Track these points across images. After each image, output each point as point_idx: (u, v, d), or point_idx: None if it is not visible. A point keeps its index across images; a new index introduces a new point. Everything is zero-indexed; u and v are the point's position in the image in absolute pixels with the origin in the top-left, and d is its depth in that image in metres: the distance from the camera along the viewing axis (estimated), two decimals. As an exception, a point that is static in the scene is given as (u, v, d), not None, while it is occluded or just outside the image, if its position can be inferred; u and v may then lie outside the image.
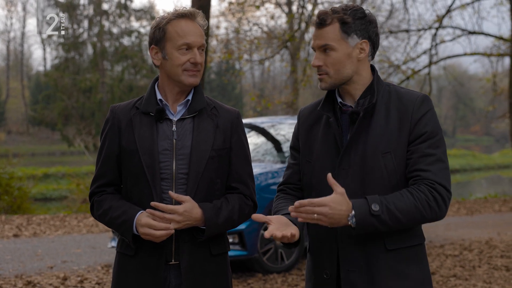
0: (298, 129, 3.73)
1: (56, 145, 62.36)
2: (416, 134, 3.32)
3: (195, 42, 3.64)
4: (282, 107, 28.45)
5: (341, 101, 3.52)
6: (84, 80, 52.05)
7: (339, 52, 3.40)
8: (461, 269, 9.85)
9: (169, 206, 3.49)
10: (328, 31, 3.40)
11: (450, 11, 23.58)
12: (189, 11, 3.69)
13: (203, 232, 3.63)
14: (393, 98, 3.44)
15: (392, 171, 3.32)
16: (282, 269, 9.89)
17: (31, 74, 75.77)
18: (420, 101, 3.38)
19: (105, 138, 3.79)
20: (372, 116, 3.39)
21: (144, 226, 3.50)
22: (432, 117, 3.38)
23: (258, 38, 27.19)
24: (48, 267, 10.38)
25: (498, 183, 40.88)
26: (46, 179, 37.56)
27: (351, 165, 3.37)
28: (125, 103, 3.86)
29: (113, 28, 55.93)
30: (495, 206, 18.52)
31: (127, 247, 3.72)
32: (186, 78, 3.65)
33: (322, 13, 3.43)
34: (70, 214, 18.09)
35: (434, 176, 3.25)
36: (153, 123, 3.69)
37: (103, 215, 3.72)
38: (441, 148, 3.33)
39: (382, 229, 3.18)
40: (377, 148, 3.33)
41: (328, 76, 3.42)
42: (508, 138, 67.50)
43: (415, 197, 3.19)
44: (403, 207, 3.17)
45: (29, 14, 75.96)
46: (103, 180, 3.79)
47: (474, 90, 65.73)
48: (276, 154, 11.36)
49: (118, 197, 3.76)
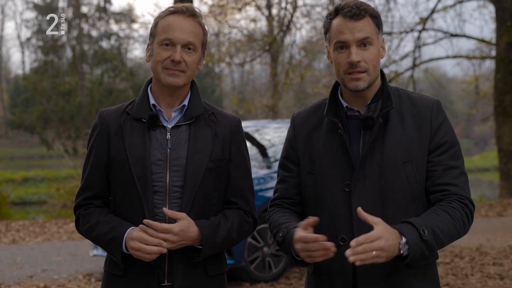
0: (294, 137, 3.43)
1: (35, 149, 62.00)
2: (436, 143, 3.12)
3: (177, 38, 3.34)
4: (264, 110, 28.26)
5: (347, 105, 3.25)
6: (63, 83, 51.76)
7: (376, 48, 3.18)
8: (453, 278, 9.68)
9: (163, 225, 3.20)
10: (366, 23, 3.15)
11: (434, 12, 23.56)
12: (183, 7, 3.41)
13: (199, 252, 3.33)
14: (405, 103, 3.21)
15: (413, 182, 3.11)
16: (269, 278, 9.69)
17: (9, 77, 75.34)
18: (437, 107, 3.18)
19: (93, 146, 3.48)
20: (387, 123, 3.14)
21: (135, 239, 3.20)
22: (450, 125, 3.21)
23: (238, 41, 27.01)
24: (27, 276, 10.19)
25: (478, 186, 40.95)
26: (25, 183, 37.40)
27: (367, 176, 3.12)
28: (115, 107, 3.55)
29: (92, 31, 55.69)
30: (481, 211, 18.43)
31: (115, 266, 3.41)
32: (164, 77, 3.36)
33: (358, 3, 3.16)
34: (50, 220, 17.88)
35: (463, 191, 3.10)
36: (146, 130, 3.39)
37: (90, 230, 3.42)
38: (462, 159, 3.18)
39: (427, 254, 2.99)
40: (396, 157, 3.10)
41: (367, 73, 3.15)
42: (487, 141, 68.09)
43: (453, 217, 3.02)
44: (446, 230, 3.00)
45: (7, 17, 75.61)
46: (90, 192, 3.48)
47: (454, 93, 66.02)
48: (262, 160, 11.22)
49: (107, 211, 3.45)
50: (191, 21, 3.40)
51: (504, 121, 22.06)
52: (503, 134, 22.14)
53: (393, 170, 3.10)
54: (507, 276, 9.74)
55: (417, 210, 3.12)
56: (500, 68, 22.38)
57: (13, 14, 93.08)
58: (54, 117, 51.48)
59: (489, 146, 67.03)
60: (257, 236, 9.56)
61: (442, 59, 26.46)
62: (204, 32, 3.48)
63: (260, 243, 9.60)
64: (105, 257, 3.53)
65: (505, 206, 19.43)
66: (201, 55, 3.49)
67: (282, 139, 11.35)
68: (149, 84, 3.54)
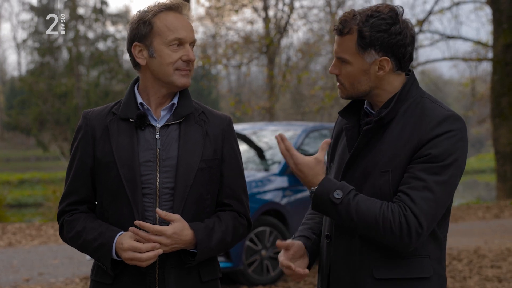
0: (332, 133, 3.41)
1: (31, 151, 61.89)
2: (419, 153, 2.94)
3: (187, 37, 3.23)
4: (261, 112, 28.25)
5: (366, 107, 3.19)
6: (59, 85, 51.68)
7: (354, 67, 3.05)
8: (452, 280, 9.65)
9: (156, 226, 3.07)
10: (346, 41, 3.03)
11: (431, 14, 23.58)
12: (177, 3, 3.27)
13: (193, 256, 3.21)
14: (416, 112, 3.03)
15: (386, 192, 2.99)
16: (267, 281, 9.66)
17: (5, 79, 75.19)
18: (439, 121, 2.96)
19: (77, 149, 3.33)
20: (386, 130, 3.04)
21: (127, 250, 3.08)
22: (447, 140, 2.94)
23: (235, 43, 27.01)
24: (24, 280, 10.15)
25: (474, 187, 41.07)
26: (21, 185, 37.31)
27: (354, 179, 3.06)
28: (100, 108, 3.41)
29: (88, 32, 55.63)
30: (479, 212, 18.43)
31: (103, 274, 3.26)
32: (178, 79, 3.22)
33: (343, 18, 3.05)
34: (46, 223, 17.77)
35: (412, 204, 2.88)
36: (133, 130, 3.24)
37: (76, 237, 3.25)
38: (438, 176, 2.91)
39: (334, 218, 3.01)
40: (376, 165, 3.02)
41: (344, 88, 3.10)
42: (483, 142, 68.12)
43: (381, 211, 2.89)
44: (363, 212, 2.90)
45: (3, 18, 75.50)
46: (74, 197, 3.32)
47: (450, 95, 66.03)
48: (259, 162, 11.18)
49: (93, 216, 3.30)
50: (186, 17, 3.30)
51: (501, 123, 22.09)
52: (500, 136, 22.16)
53: (371, 178, 3.02)
54: (505, 278, 9.73)
55: None
56: (496, 70, 22.41)
57: (9, 16, 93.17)
58: (50, 119, 51.41)
59: (485, 148, 67.12)
60: (255, 239, 9.54)
61: (439, 61, 26.50)
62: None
63: (258, 246, 9.58)
64: (92, 265, 3.38)
65: (502, 208, 19.45)
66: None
67: (279, 142, 11.34)
68: (135, 83, 3.42)
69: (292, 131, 11.42)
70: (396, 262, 3.02)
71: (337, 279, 3.12)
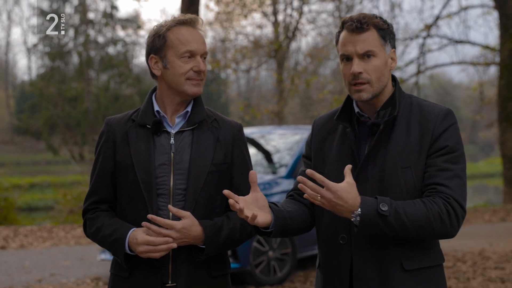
0: (311, 139, 3.58)
1: (41, 155, 61.95)
2: (435, 147, 3.21)
3: (198, 49, 3.48)
4: (270, 116, 28.33)
5: (358, 111, 3.39)
6: (69, 89, 51.90)
7: (380, 59, 3.28)
8: (455, 281, 9.76)
9: (166, 220, 3.32)
10: (369, 36, 3.27)
11: (439, 18, 23.64)
12: (190, 18, 3.53)
13: (202, 251, 3.45)
14: (414, 111, 3.31)
15: (411, 187, 3.20)
16: (274, 282, 9.81)
17: (16, 83, 75.30)
18: (443, 116, 3.27)
19: (99, 153, 3.62)
20: (393, 129, 3.27)
21: (142, 244, 3.33)
22: (455, 132, 3.26)
23: (244, 47, 27.11)
24: (36, 280, 10.28)
25: (483, 191, 40.86)
26: (31, 188, 37.29)
27: (369, 180, 3.25)
28: (121, 115, 3.69)
29: (98, 37, 55.79)
30: (485, 216, 18.49)
31: (120, 268, 3.54)
32: (189, 88, 3.48)
33: (360, 17, 3.29)
34: (57, 225, 17.90)
35: (451, 191, 3.13)
36: (150, 136, 3.52)
37: (96, 233, 3.55)
38: (459, 165, 3.21)
39: (387, 232, 3.07)
40: (396, 162, 3.22)
41: (370, 85, 3.27)
42: (493, 146, 67.90)
43: (427, 207, 3.08)
44: (413, 214, 3.06)
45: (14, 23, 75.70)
46: (96, 196, 3.62)
47: (460, 99, 65.88)
48: (267, 165, 11.32)
49: (112, 214, 3.59)
50: (198, 31, 3.54)
51: (508, 127, 22.10)
52: (507, 140, 22.19)
53: (393, 175, 3.20)
54: (509, 279, 9.82)
55: None
56: (503, 74, 22.43)
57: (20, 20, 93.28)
58: (60, 123, 51.61)
59: (495, 152, 66.74)
60: (262, 241, 9.68)
61: (447, 66, 26.53)
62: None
63: (265, 247, 9.72)
64: (111, 260, 3.65)
65: (508, 212, 19.52)
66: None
67: (287, 145, 11.48)
68: (153, 92, 3.66)
69: (299, 134, 11.56)
70: (424, 252, 3.26)
71: (362, 277, 3.24)
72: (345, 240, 3.30)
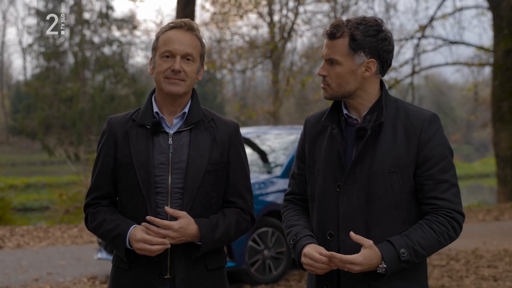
0: (304, 138, 3.69)
1: (36, 155, 61.89)
2: (425, 156, 3.34)
3: (177, 50, 3.60)
4: (266, 116, 28.39)
5: (346, 113, 3.50)
6: (65, 90, 51.88)
7: (343, 67, 3.37)
8: (448, 280, 9.85)
9: (164, 221, 3.47)
10: (337, 44, 3.37)
11: (434, 19, 23.72)
12: (180, 22, 3.68)
13: (199, 248, 3.59)
14: (400, 115, 3.42)
15: (397, 190, 3.33)
16: (270, 280, 9.87)
17: (11, 83, 75.23)
18: (429, 121, 3.38)
19: (101, 151, 3.75)
20: (380, 134, 3.38)
21: (139, 241, 3.48)
22: (441, 138, 3.39)
23: (240, 47, 27.17)
24: (33, 279, 10.32)
25: (478, 191, 40.95)
26: (27, 189, 37.24)
27: (356, 182, 3.36)
28: (122, 114, 3.82)
29: (94, 37, 55.78)
30: (479, 215, 18.58)
31: (121, 260, 3.68)
32: (166, 86, 3.61)
33: (335, 24, 3.39)
34: (53, 225, 17.95)
35: (451, 205, 3.32)
36: (149, 136, 3.64)
37: (97, 227, 3.69)
38: (452, 170, 3.37)
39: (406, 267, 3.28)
40: (383, 166, 3.33)
41: (330, 87, 3.42)
42: (488, 147, 67.98)
43: (436, 232, 3.27)
44: (427, 245, 3.27)
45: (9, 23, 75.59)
46: (97, 192, 3.75)
47: (454, 99, 65.96)
48: (262, 165, 11.37)
49: (113, 210, 3.72)
50: (189, 34, 3.65)
51: (502, 127, 22.23)
52: (501, 140, 22.31)
53: (380, 179, 3.32)
54: (501, 278, 9.92)
55: (400, 216, 3.33)
56: (497, 75, 22.55)
57: (15, 20, 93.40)
58: (56, 123, 51.58)
59: (490, 152, 66.80)
60: (257, 239, 9.74)
61: (442, 66, 26.63)
62: (202, 45, 3.73)
63: (261, 246, 9.79)
64: (114, 252, 3.77)
65: (502, 211, 19.62)
66: (199, 65, 3.72)
67: (282, 145, 11.54)
68: (153, 93, 3.79)
69: (295, 134, 11.61)
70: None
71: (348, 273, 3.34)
72: (332, 237, 3.42)
